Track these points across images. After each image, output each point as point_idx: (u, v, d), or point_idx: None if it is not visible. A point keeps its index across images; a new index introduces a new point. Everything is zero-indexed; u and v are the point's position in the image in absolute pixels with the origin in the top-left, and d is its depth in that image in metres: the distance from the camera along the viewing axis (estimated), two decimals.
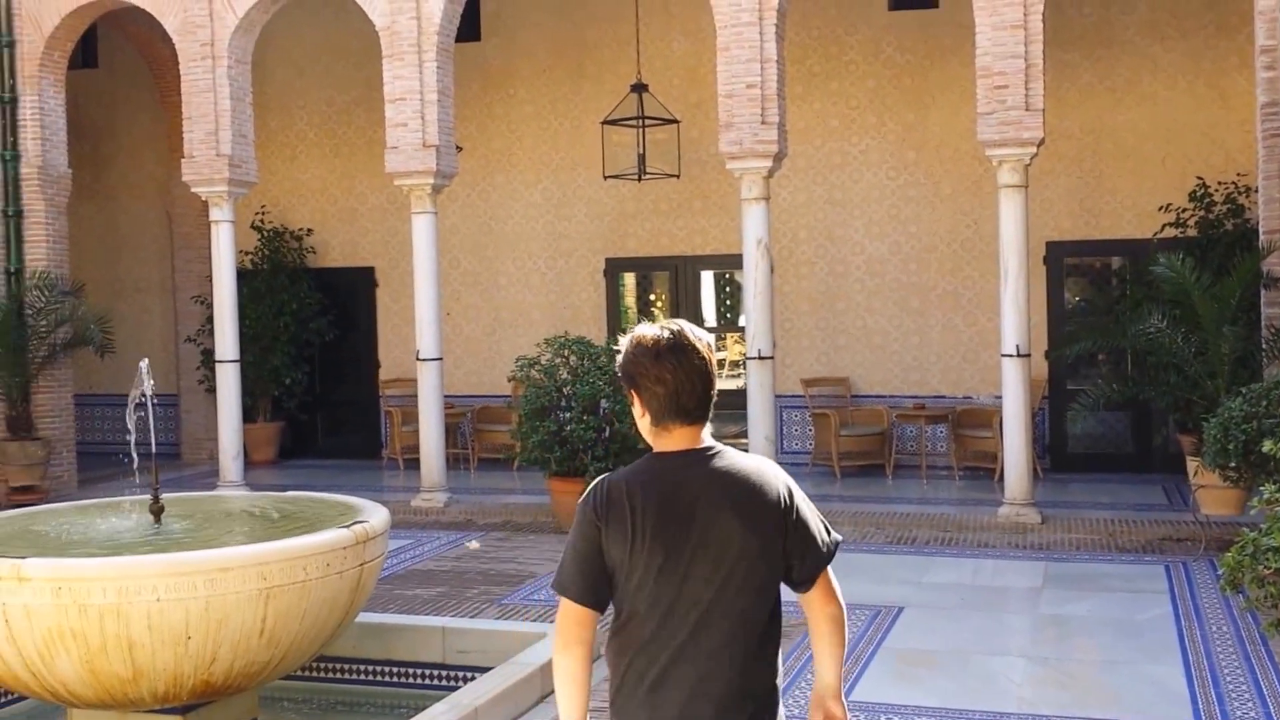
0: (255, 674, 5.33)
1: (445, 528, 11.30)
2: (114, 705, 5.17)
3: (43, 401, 13.15)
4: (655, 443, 2.95)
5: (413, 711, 6.21)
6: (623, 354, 2.93)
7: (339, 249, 15.68)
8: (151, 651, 4.91)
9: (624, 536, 2.83)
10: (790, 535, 2.90)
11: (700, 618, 2.83)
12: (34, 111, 12.94)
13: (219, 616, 4.98)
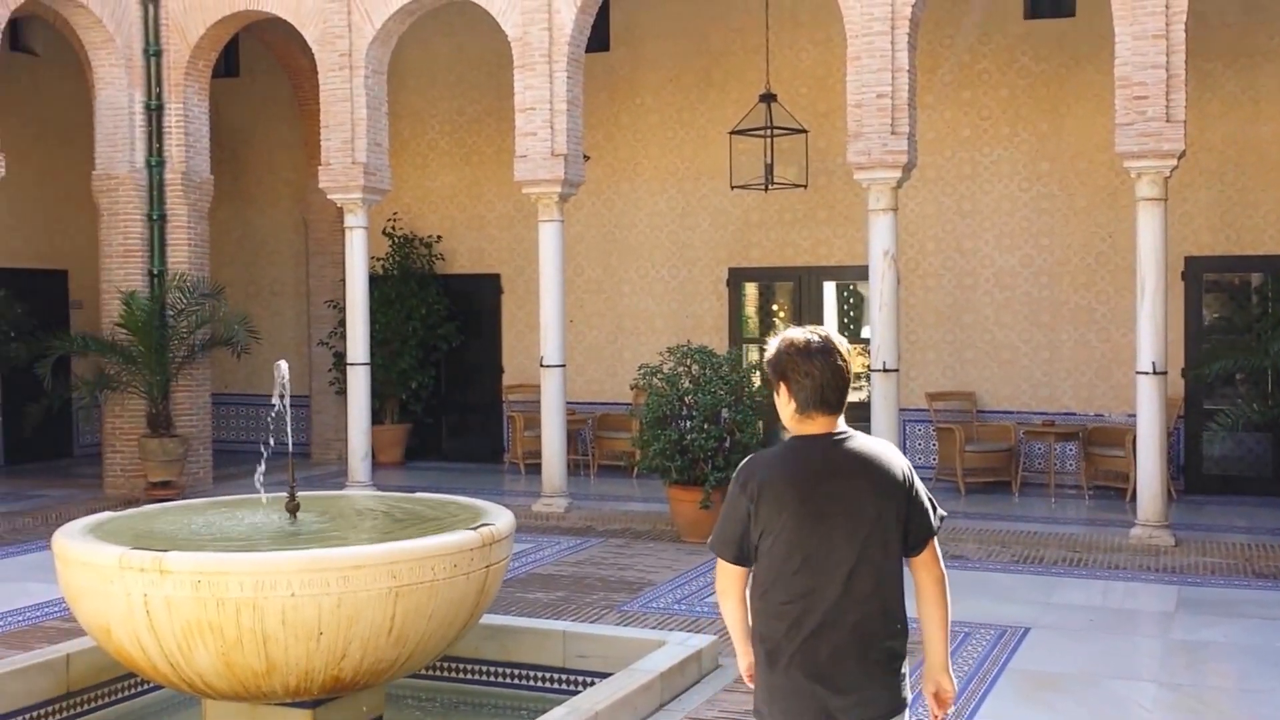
0: (383, 671, 5.42)
1: (566, 533, 11.38)
2: (247, 698, 5.30)
3: (181, 400, 13.59)
4: (797, 428, 3.48)
5: (533, 714, 6.27)
6: (774, 351, 3.46)
7: (466, 256, 15.93)
8: (285, 646, 5.02)
9: (774, 506, 3.38)
10: (908, 506, 3.43)
11: (844, 572, 3.35)
12: (179, 119, 13.40)
13: (350, 613, 5.07)
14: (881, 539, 3.39)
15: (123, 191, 13.28)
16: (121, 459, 13.45)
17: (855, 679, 3.36)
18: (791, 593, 3.37)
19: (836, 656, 3.35)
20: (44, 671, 6.14)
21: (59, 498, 13.09)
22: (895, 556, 3.43)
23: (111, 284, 13.43)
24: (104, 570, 5.06)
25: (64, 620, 8.00)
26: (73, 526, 5.62)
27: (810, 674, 3.35)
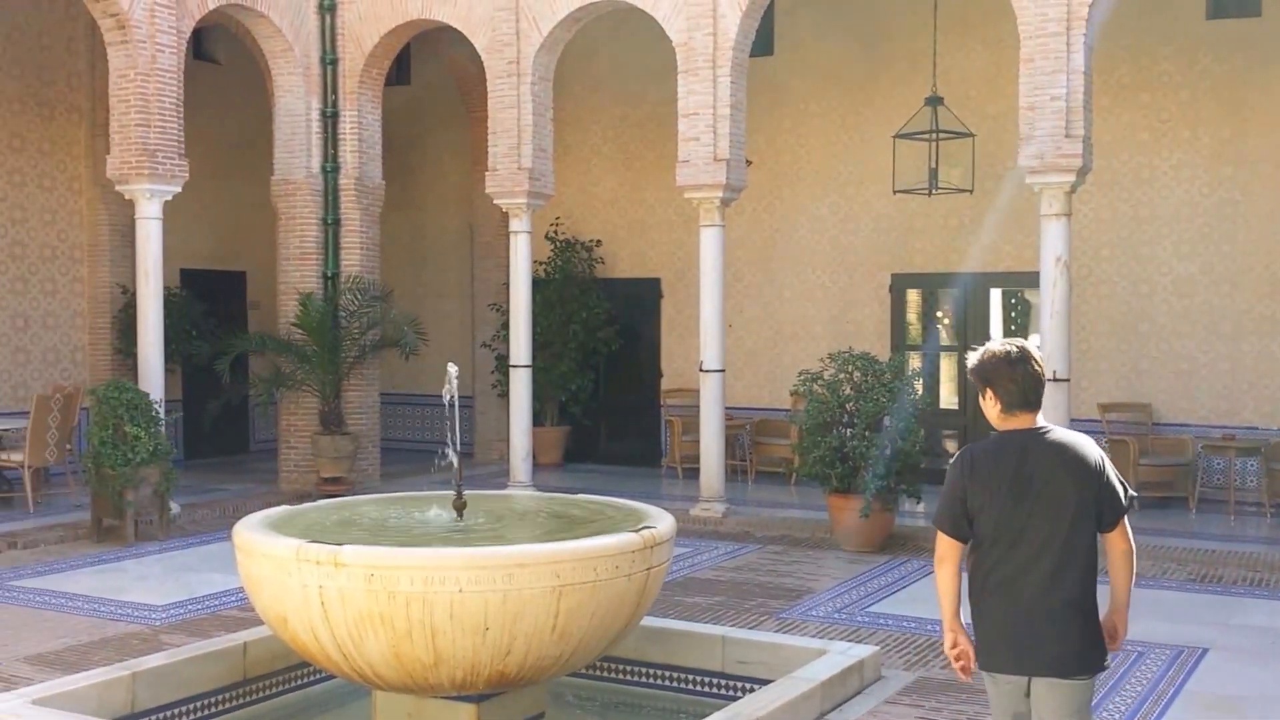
0: (545, 668, 5.47)
1: (723, 538, 11.35)
2: (415, 690, 5.41)
3: (352, 399, 14.00)
4: (1002, 425, 4.14)
5: (691, 718, 6.27)
6: (978, 362, 4.13)
7: (627, 260, 16.03)
8: (452, 639, 5.11)
9: (986, 488, 4.05)
10: (1102, 490, 4.05)
11: (1042, 545, 4.00)
12: (353, 126, 13.82)
13: (515, 610, 5.13)
14: (1078, 518, 4.01)
15: (299, 196, 13.76)
16: (295, 455, 13.92)
17: (1055, 639, 4.00)
18: (1001, 564, 4.03)
19: (1040, 619, 3.99)
20: (223, 659, 6.39)
21: (236, 492, 13.61)
22: (1090, 533, 4.05)
23: (288, 285, 13.92)
24: (282, 562, 5.23)
25: (241, 609, 8.31)
26: (252, 519, 5.82)
27: (1018, 633, 4.02)
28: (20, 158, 14.09)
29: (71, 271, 14.73)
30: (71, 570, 9.92)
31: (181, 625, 8.14)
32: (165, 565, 10.27)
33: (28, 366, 14.22)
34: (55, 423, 12.22)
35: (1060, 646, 4.00)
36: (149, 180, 11.74)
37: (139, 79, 11.64)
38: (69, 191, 14.67)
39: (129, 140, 11.69)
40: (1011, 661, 4.05)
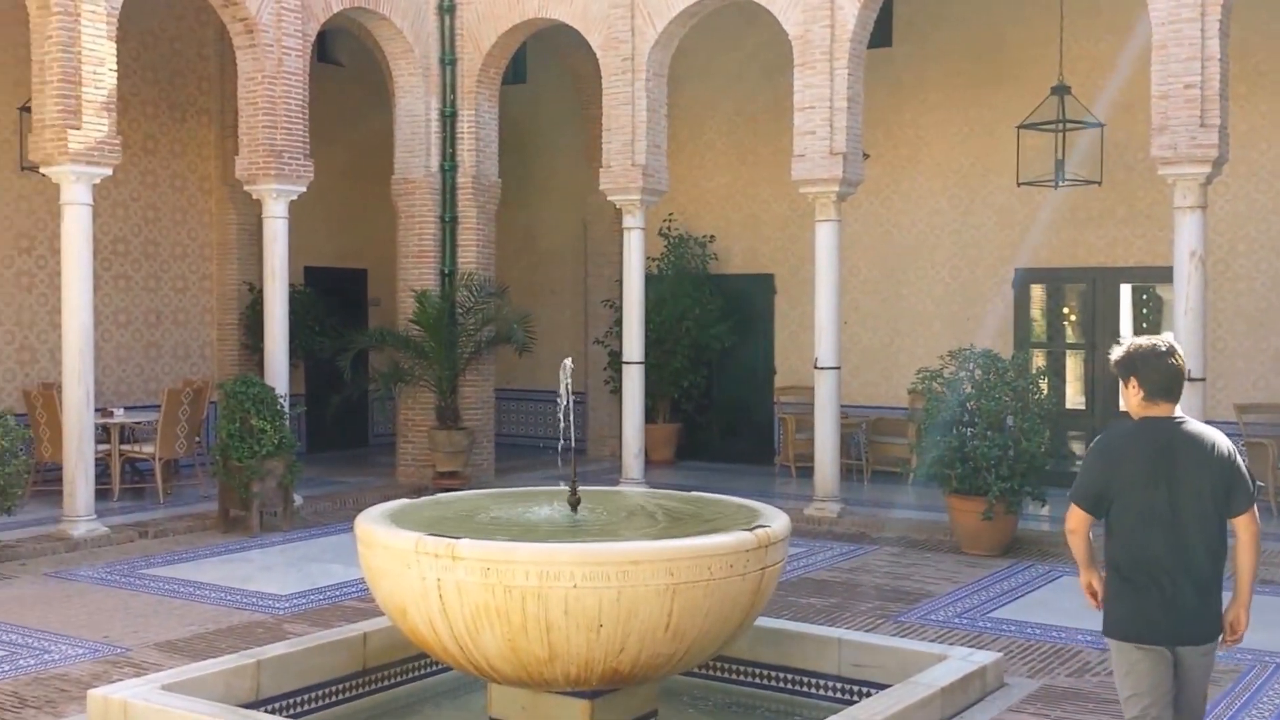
0: (658, 666, 5.44)
1: (838, 538, 11.21)
2: (530, 684, 5.43)
3: (468, 394, 14.16)
4: (1142, 413, 4.46)
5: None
6: (1125, 353, 4.49)
7: (740, 256, 15.94)
8: (566, 635, 5.11)
9: (1126, 471, 4.40)
10: (1232, 477, 4.38)
11: (1180, 526, 4.33)
12: (471, 125, 13.97)
13: (629, 607, 5.11)
14: (1212, 501, 4.34)
15: (418, 195, 13.96)
16: (413, 449, 14.13)
17: (1188, 609, 4.34)
18: (1138, 542, 4.37)
19: (1174, 591, 4.32)
20: (344, 648, 6.49)
21: (355, 484, 13.86)
22: (1221, 516, 4.38)
23: (406, 283, 14.13)
24: (401, 554, 5.29)
25: (361, 600, 8.44)
26: (373, 512, 5.90)
27: (1163, 607, 4.34)
28: (153, 159, 14.53)
29: (201, 269, 15.16)
30: (199, 559, 10.20)
31: (304, 615, 8.31)
32: (288, 556, 10.50)
33: (159, 361, 14.68)
34: (185, 416, 12.59)
35: (1202, 617, 4.37)
36: (275, 180, 12.01)
37: (266, 82, 11.92)
38: (199, 191, 15.10)
39: (256, 141, 11.97)
40: (1158, 633, 4.37)
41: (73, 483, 10.54)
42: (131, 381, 14.35)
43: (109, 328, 13.97)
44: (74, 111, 10.25)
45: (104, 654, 7.30)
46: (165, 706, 5.64)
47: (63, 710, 6.19)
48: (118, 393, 14.03)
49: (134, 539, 10.83)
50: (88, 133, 10.32)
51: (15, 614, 8.23)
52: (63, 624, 7.99)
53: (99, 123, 10.41)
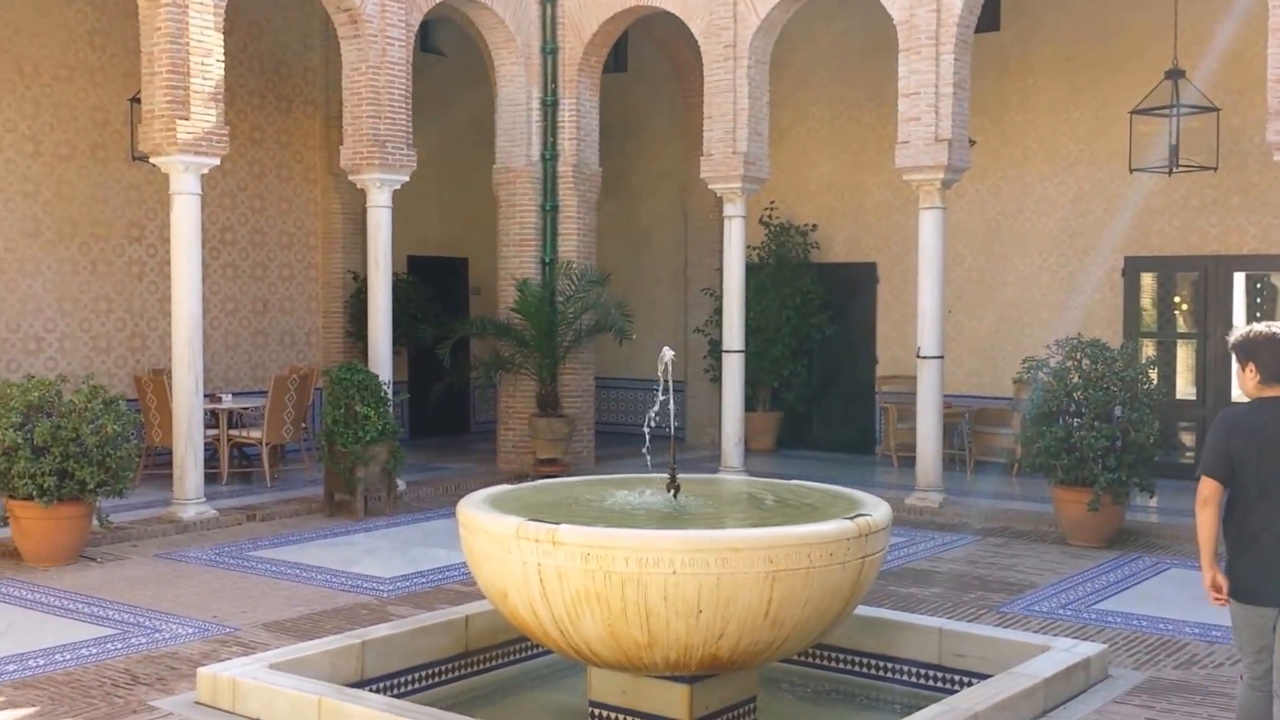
0: (758, 653, 5.42)
1: (940, 529, 11.06)
2: (630, 668, 5.44)
3: (568, 382, 14.24)
4: (1258, 394, 4.82)
5: (905, 709, 6.11)
6: (1243, 336, 4.86)
7: (842, 244, 15.79)
8: (665, 621, 5.11)
9: (1245, 445, 4.75)
10: None
11: None
12: (571, 113, 14.02)
13: (728, 594, 5.09)
14: None
15: (519, 184, 14.06)
16: (513, 436, 14.26)
17: None
18: (1255, 512, 4.74)
19: None
20: (446, 630, 6.57)
21: (457, 471, 14.02)
22: None
23: (507, 271, 14.24)
24: (503, 539, 5.32)
25: (463, 584, 8.54)
26: (475, 497, 5.95)
27: (1267, 568, 4.72)
28: (260, 149, 14.84)
29: (307, 258, 15.45)
30: (305, 542, 10.40)
31: (407, 597, 8.42)
32: (392, 540, 10.66)
33: (266, 349, 15.00)
34: (291, 402, 12.85)
35: None
36: (379, 170, 12.18)
37: (370, 72, 12.08)
38: (305, 181, 15.39)
39: (360, 131, 12.15)
40: (1268, 595, 4.72)
41: (182, 467, 10.81)
42: (239, 368, 14.69)
43: (217, 315, 14.30)
44: (182, 102, 10.49)
45: (213, 633, 7.48)
46: (273, 685, 5.76)
47: (173, 687, 6.35)
48: (226, 379, 14.37)
49: (242, 522, 11.08)
50: (196, 123, 10.56)
51: (127, 594, 8.48)
52: (173, 604, 8.20)
53: (207, 113, 10.64)
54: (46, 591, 8.48)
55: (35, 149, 12.75)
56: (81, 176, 13.12)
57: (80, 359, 13.07)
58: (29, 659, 6.84)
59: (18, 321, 12.66)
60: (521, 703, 6.44)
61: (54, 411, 9.21)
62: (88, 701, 6.10)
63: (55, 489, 9.00)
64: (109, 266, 13.41)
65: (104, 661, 6.81)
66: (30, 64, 12.66)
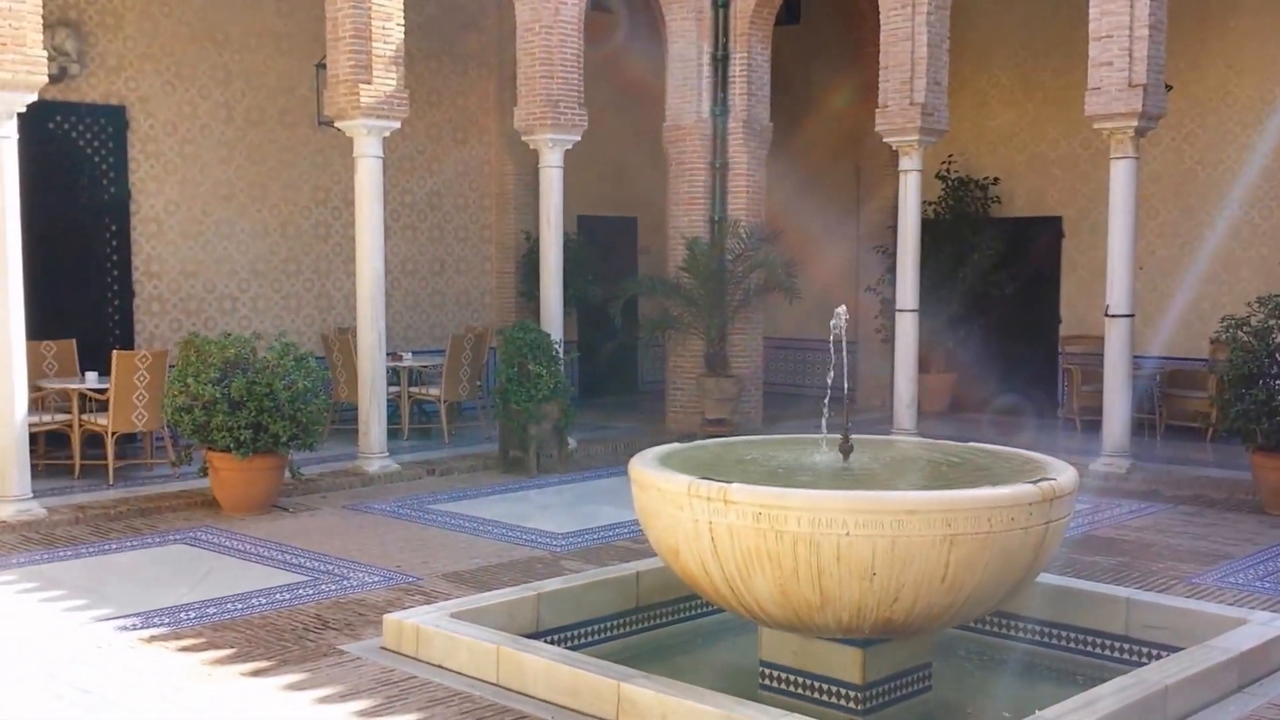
0: (933, 618, 5.30)
1: (1127, 495, 10.66)
2: (801, 629, 5.39)
3: (736, 342, 14.16)
4: None
5: (1089, 680, 5.91)
6: None
7: (1024, 198, 15.27)
8: (838, 582, 5.03)
9: None
10: None
11: None
12: (742, 68, 13.86)
13: (903, 557, 4.99)
14: None
15: (688, 141, 13.99)
16: (681, 396, 14.28)
17: None
18: None
19: None
20: (618, 586, 6.64)
21: (625, 430, 14.12)
22: None
23: (676, 230, 14.22)
24: (675, 497, 5.32)
25: (633, 541, 8.61)
26: (646, 455, 5.96)
27: None
28: (437, 112, 15.12)
29: (481, 219, 15.72)
30: (481, 497, 10.64)
31: (579, 553, 8.54)
32: (564, 496, 10.82)
33: (443, 308, 15.34)
34: (468, 360, 13.13)
35: None
36: (552, 130, 12.27)
37: (543, 32, 12.16)
38: (479, 143, 15.63)
39: (534, 92, 12.25)
40: None
41: (367, 422, 11.17)
42: (418, 327, 15.07)
43: (397, 276, 14.68)
44: (365, 66, 10.74)
45: (397, 582, 7.71)
46: (454, 632, 5.91)
47: (360, 633, 6.57)
48: (406, 338, 14.76)
49: (422, 476, 11.39)
50: (378, 87, 10.80)
51: (318, 542, 8.81)
52: (359, 553, 8.49)
53: (388, 77, 10.88)
54: (243, 539, 8.89)
55: (228, 115, 13.25)
56: (271, 141, 13.59)
57: (272, 318, 13.59)
58: (227, 602, 7.18)
59: (214, 282, 13.23)
60: (691, 660, 6.46)
61: (249, 368, 9.60)
62: (281, 644, 6.37)
63: (250, 441, 9.40)
64: (297, 229, 13.88)
65: (296, 606, 7.10)
66: (221, 33, 13.14)
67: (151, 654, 6.22)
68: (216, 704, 5.51)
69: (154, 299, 12.82)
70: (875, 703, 5.47)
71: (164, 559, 8.36)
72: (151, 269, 12.78)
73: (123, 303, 12.61)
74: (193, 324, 12.88)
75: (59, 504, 9.57)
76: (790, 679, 5.63)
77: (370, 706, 5.43)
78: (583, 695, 5.33)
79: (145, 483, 10.62)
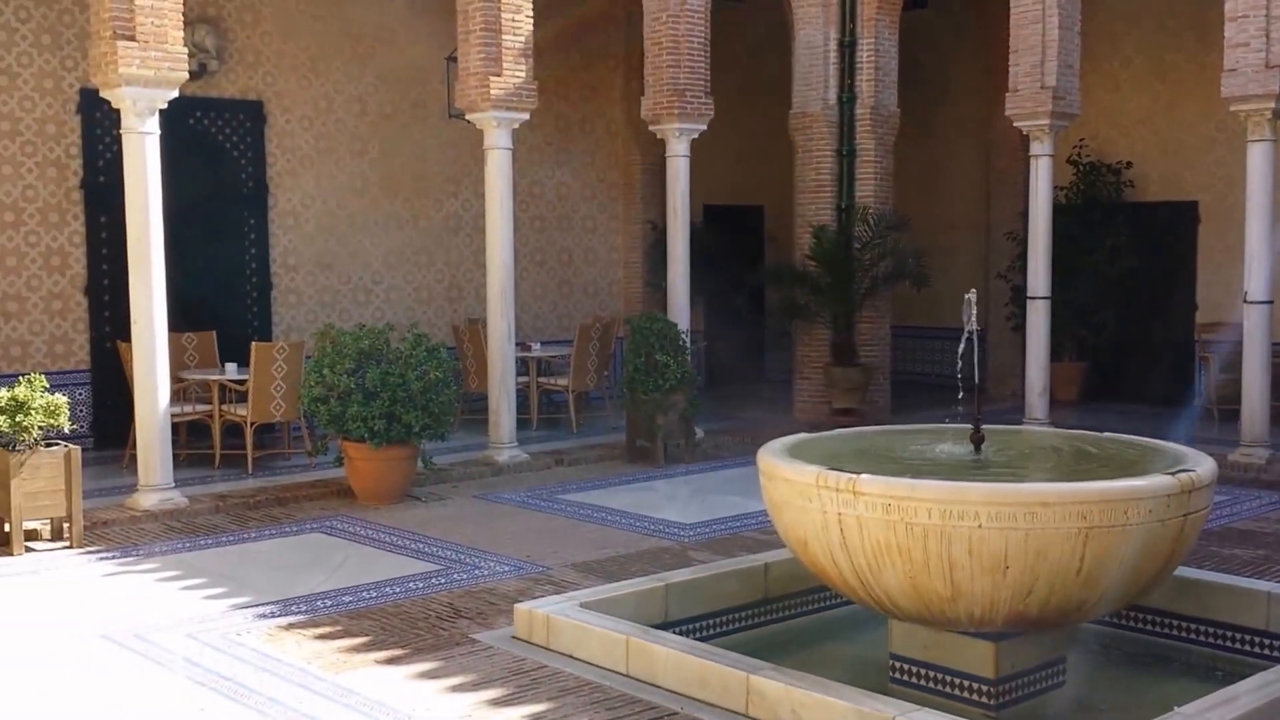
0: (1068, 613, 5.24)
1: (1267, 486, 10.36)
2: (931, 622, 5.37)
3: (864, 330, 14.06)
4: None
5: (1228, 676, 5.78)
6: None
7: (1159, 182, 14.86)
8: (970, 575, 5.01)
9: None
10: None
11: None
12: (870, 54, 13.74)
13: (1037, 550, 4.94)
14: None
15: (815, 129, 13.92)
16: (808, 385, 14.23)
17: None
18: None
19: None
20: (746, 577, 6.68)
21: (752, 419, 14.11)
22: None
23: (803, 218, 14.17)
24: (803, 488, 5.35)
25: (760, 532, 8.64)
26: (774, 445, 5.98)
27: None
28: (565, 103, 15.29)
29: (608, 209, 15.86)
30: (609, 487, 10.77)
31: (707, 543, 8.60)
32: (691, 486, 10.89)
33: (571, 299, 15.53)
34: (595, 350, 13.28)
35: None
36: (678, 119, 12.33)
37: (670, 21, 12.22)
38: (606, 134, 15.77)
39: (661, 81, 12.32)
40: None
41: (497, 412, 11.38)
42: (546, 317, 15.28)
43: (526, 266, 14.90)
44: (495, 59, 10.93)
45: (527, 571, 7.87)
46: (584, 623, 6.02)
47: (492, 622, 6.73)
48: (534, 328, 14.98)
49: (551, 466, 11.57)
50: (507, 79, 10.98)
51: (450, 532, 9.03)
52: (490, 542, 8.68)
53: (517, 69, 11.05)
54: (377, 528, 9.15)
55: (361, 109, 13.60)
56: (403, 135, 13.91)
57: (404, 309, 13.92)
58: (362, 590, 7.41)
59: (349, 274, 13.61)
60: (820, 652, 6.47)
61: (382, 359, 9.85)
62: (415, 633, 6.55)
63: (384, 431, 9.65)
64: (429, 221, 14.19)
65: (429, 595, 7.30)
66: (355, 27, 13.48)
67: (289, 641, 6.42)
68: (352, 691, 5.66)
69: (290, 291, 13.23)
70: (1008, 698, 5.43)
71: (301, 547, 8.64)
72: (289, 261, 13.20)
73: (261, 295, 13.04)
74: (328, 315, 13.27)
75: (200, 493, 9.95)
76: (921, 672, 5.61)
77: (502, 695, 5.56)
78: (712, 687, 5.39)
79: (283, 472, 10.98)
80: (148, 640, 6.45)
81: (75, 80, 11.70)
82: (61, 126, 11.73)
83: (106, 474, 10.69)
